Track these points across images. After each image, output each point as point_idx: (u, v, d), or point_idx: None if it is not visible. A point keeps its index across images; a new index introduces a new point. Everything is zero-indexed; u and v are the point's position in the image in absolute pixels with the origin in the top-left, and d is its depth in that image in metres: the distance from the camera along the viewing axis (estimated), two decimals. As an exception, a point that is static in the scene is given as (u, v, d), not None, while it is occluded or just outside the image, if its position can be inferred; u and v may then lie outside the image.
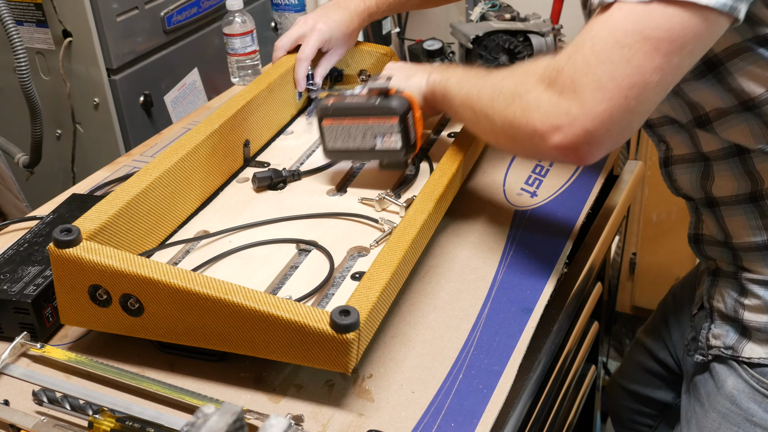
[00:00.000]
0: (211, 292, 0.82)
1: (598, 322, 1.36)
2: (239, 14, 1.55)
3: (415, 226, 0.95)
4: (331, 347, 0.80)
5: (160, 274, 0.83)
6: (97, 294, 0.87)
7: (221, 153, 1.13)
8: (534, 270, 1.04)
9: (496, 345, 0.92)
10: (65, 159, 1.67)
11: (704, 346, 1.09)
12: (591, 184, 1.21)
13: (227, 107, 1.15)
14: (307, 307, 0.80)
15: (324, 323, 0.79)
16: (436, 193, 1.01)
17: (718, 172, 0.98)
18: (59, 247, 0.85)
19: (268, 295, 0.82)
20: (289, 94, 1.33)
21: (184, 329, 0.86)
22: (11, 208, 1.44)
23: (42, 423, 0.82)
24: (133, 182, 0.98)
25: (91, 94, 1.59)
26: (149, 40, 1.63)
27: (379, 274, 0.87)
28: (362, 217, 1.06)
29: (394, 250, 0.90)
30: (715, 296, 1.07)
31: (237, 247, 1.01)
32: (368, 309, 0.82)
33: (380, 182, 1.14)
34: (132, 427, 0.80)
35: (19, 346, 0.93)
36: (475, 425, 0.82)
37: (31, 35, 1.58)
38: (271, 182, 1.14)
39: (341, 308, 0.79)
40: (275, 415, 0.55)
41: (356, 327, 0.79)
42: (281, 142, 1.28)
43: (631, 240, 2.22)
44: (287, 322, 0.80)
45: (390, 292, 0.89)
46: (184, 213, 1.07)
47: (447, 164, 1.08)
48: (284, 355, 0.83)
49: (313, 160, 1.22)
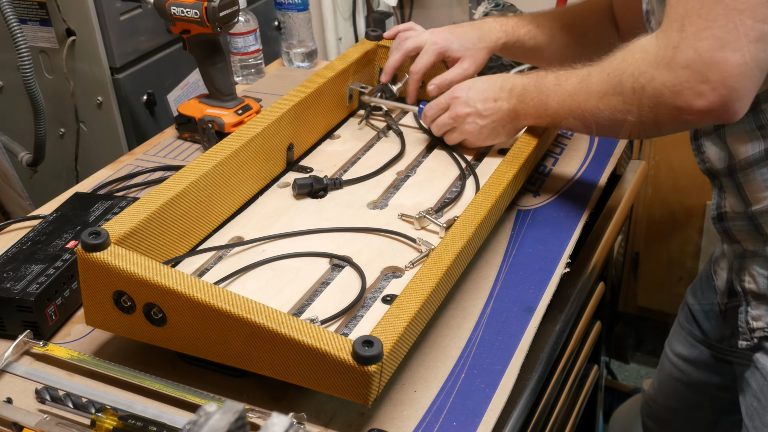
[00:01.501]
0: (233, 309, 0.79)
1: (600, 321, 1.36)
2: (242, 13, 1.55)
3: (452, 252, 0.90)
4: (352, 377, 0.77)
5: (183, 286, 0.81)
6: (121, 300, 0.85)
7: (263, 157, 1.11)
8: (536, 269, 1.04)
9: (498, 344, 0.92)
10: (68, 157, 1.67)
11: (746, 331, 1.07)
12: (594, 184, 1.21)
13: (272, 110, 1.13)
14: (330, 334, 0.77)
15: (346, 352, 0.76)
16: (478, 217, 0.97)
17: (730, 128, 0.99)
18: (87, 251, 0.84)
19: (291, 317, 0.79)
20: (339, 98, 1.30)
21: (206, 343, 0.84)
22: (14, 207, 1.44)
23: (44, 421, 0.82)
24: (167, 186, 0.96)
25: (94, 93, 1.59)
26: (153, 38, 1.63)
27: (408, 303, 0.83)
28: (400, 235, 1.03)
29: (428, 277, 0.86)
30: (746, 278, 1.06)
31: (269, 257, 0.99)
32: (393, 340, 0.78)
33: (423, 197, 1.11)
34: (134, 426, 0.80)
35: (22, 344, 0.93)
36: (477, 424, 0.82)
37: (35, 34, 1.58)
38: (311, 190, 1.12)
39: (364, 338, 0.76)
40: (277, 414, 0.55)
41: (379, 359, 0.75)
42: (327, 147, 1.26)
43: (634, 239, 2.22)
44: (308, 347, 0.77)
45: (419, 321, 0.85)
46: (220, 217, 1.05)
47: (493, 186, 1.03)
48: (303, 380, 0.81)
49: (357, 168, 1.20)
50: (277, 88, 1.61)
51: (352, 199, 1.12)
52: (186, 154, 1.38)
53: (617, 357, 2.36)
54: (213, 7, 1.26)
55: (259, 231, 1.05)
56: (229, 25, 1.31)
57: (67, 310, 0.99)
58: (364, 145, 1.26)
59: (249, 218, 1.08)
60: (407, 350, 0.84)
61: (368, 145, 1.27)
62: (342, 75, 1.28)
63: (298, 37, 1.68)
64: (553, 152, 1.29)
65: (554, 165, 1.26)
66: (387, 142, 1.27)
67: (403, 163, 1.21)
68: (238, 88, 1.61)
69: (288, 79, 1.65)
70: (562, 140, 1.32)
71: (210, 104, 1.38)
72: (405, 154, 1.23)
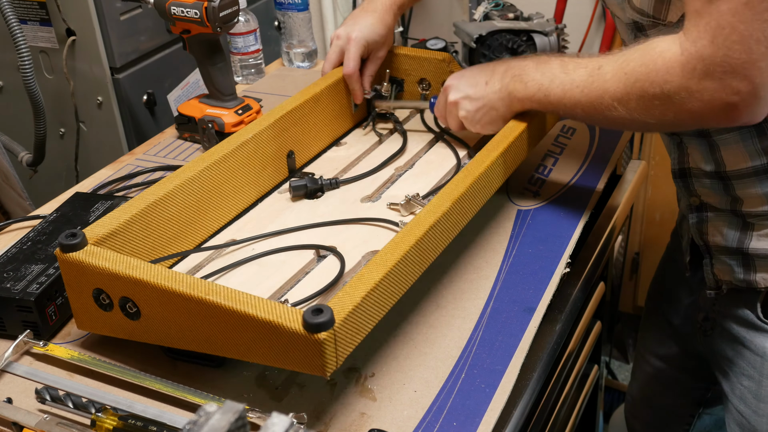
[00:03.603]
0: (193, 291, 0.80)
1: (600, 322, 1.36)
2: (242, 13, 1.55)
3: (423, 225, 0.89)
4: (305, 348, 0.75)
5: (149, 276, 0.82)
6: (100, 298, 0.87)
7: (258, 164, 1.11)
8: (536, 269, 1.04)
9: (498, 344, 0.92)
10: (68, 157, 1.67)
11: (712, 282, 1.07)
12: (594, 184, 1.21)
13: (263, 118, 1.13)
14: (281, 306, 0.77)
15: (297, 323, 0.75)
16: (456, 194, 0.94)
17: None
18: (64, 251, 0.86)
19: (247, 294, 0.79)
20: (342, 106, 1.29)
21: (177, 332, 0.84)
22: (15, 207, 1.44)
23: (45, 421, 0.82)
24: (152, 190, 0.97)
25: (94, 93, 1.59)
26: (153, 38, 1.63)
27: (369, 274, 0.82)
28: (385, 221, 1.05)
29: (393, 250, 0.85)
30: (708, 231, 1.06)
31: (258, 253, 1.00)
32: (349, 308, 0.77)
33: (417, 188, 1.11)
34: (134, 426, 0.80)
35: (22, 344, 0.93)
36: (478, 424, 0.82)
37: (35, 34, 1.58)
38: (307, 191, 1.12)
39: (314, 307, 0.75)
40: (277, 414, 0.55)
41: (329, 326, 0.74)
42: (332, 153, 1.26)
43: (634, 240, 2.22)
44: (261, 321, 0.76)
45: (381, 293, 0.83)
46: (215, 223, 1.06)
47: (475, 164, 1.00)
48: (265, 358, 0.80)
49: (358, 168, 1.20)
50: (277, 88, 1.61)
51: (346, 196, 1.13)
52: (186, 154, 1.38)
53: (617, 357, 2.36)
54: (213, 7, 1.26)
55: (254, 232, 1.05)
56: (229, 25, 1.31)
57: (67, 310, 0.99)
58: (368, 148, 1.26)
59: (246, 221, 1.09)
60: (373, 323, 0.82)
61: (372, 148, 1.27)
62: (339, 83, 1.28)
63: (298, 37, 1.68)
64: (553, 152, 1.29)
65: (554, 165, 1.26)
66: (390, 143, 1.27)
67: (402, 159, 1.21)
68: (238, 88, 1.61)
69: (288, 79, 1.65)
70: (562, 140, 1.32)
71: (210, 104, 1.38)
72: (406, 151, 1.23)
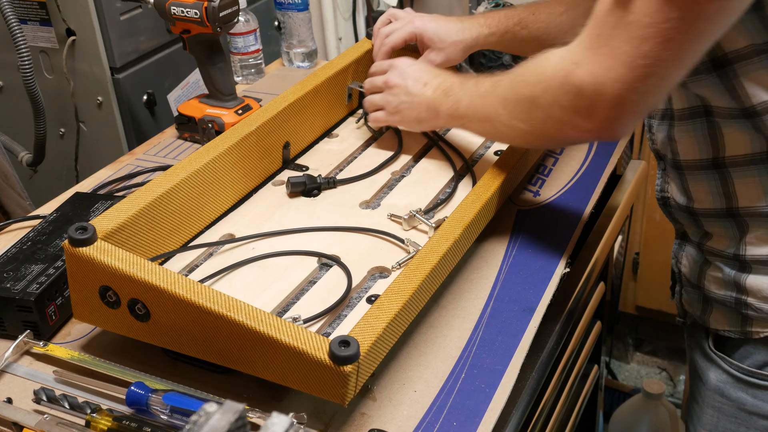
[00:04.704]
0: (214, 306, 0.79)
1: (600, 322, 1.36)
2: (242, 13, 1.55)
3: (438, 253, 0.90)
4: (329, 377, 0.76)
5: (166, 283, 0.81)
6: (107, 295, 0.86)
7: (257, 155, 1.11)
8: (537, 269, 1.04)
9: (498, 344, 0.92)
10: (68, 157, 1.67)
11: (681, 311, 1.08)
12: (594, 184, 1.21)
13: (267, 109, 1.13)
14: (308, 333, 0.77)
15: (323, 352, 0.75)
16: (466, 219, 0.96)
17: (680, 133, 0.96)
18: (73, 246, 0.84)
19: (271, 315, 0.79)
20: (338, 97, 1.30)
21: (188, 340, 0.84)
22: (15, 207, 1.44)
23: (44, 421, 0.82)
24: (157, 182, 0.97)
25: (94, 93, 1.59)
26: (153, 38, 1.63)
27: (389, 304, 0.82)
28: (389, 235, 1.04)
29: (410, 278, 0.86)
30: (682, 261, 1.07)
31: (258, 255, 1.00)
32: (371, 341, 0.78)
33: (416, 198, 1.11)
34: (129, 426, 0.80)
35: (22, 344, 0.93)
36: (478, 424, 0.82)
37: (35, 34, 1.58)
38: (305, 188, 1.12)
39: (341, 338, 0.75)
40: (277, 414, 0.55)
41: (355, 360, 0.75)
42: (324, 145, 1.26)
43: (634, 240, 2.22)
44: (286, 346, 0.77)
45: (400, 322, 0.84)
46: (213, 214, 1.06)
47: (483, 188, 1.02)
48: (282, 379, 0.80)
49: (353, 167, 1.20)
50: (277, 88, 1.61)
51: (345, 198, 1.12)
52: (186, 154, 1.38)
53: (617, 357, 2.36)
54: (213, 7, 1.26)
55: (251, 229, 1.05)
56: (229, 25, 1.31)
57: (67, 310, 0.99)
58: (362, 144, 1.26)
59: (242, 215, 1.08)
60: (387, 350, 0.84)
61: (365, 144, 1.27)
62: (341, 74, 1.28)
63: (298, 37, 1.68)
64: (553, 152, 1.29)
65: (554, 165, 1.26)
66: (384, 141, 1.27)
67: (398, 163, 1.21)
68: (238, 88, 1.61)
69: (288, 79, 1.65)
70: (562, 140, 1.32)
71: (210, 104, 1.38)
72: (401, 154, 1.23)
